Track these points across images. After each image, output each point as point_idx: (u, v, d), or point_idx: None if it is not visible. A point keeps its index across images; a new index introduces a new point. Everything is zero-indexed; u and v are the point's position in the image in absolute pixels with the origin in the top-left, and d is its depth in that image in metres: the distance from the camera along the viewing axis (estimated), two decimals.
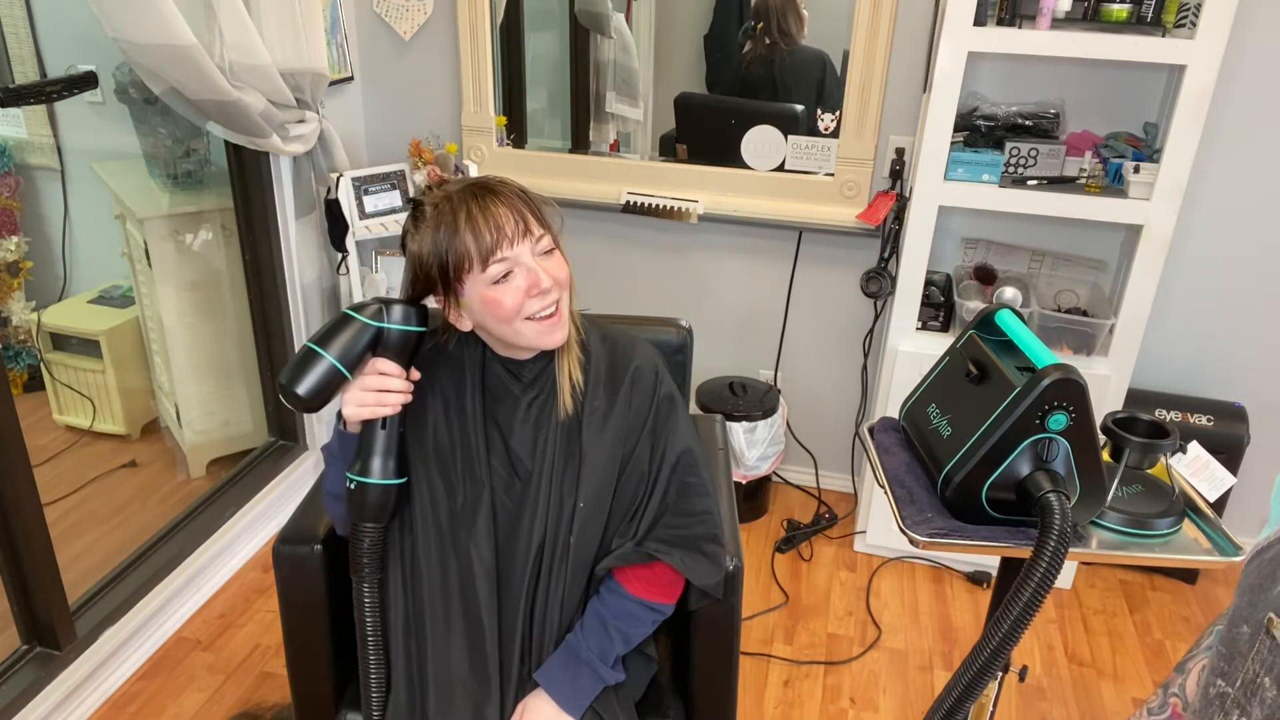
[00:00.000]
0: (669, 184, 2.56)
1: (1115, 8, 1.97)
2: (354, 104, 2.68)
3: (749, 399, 2.59)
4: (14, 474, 1.77)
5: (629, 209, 2.55)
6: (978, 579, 2.45)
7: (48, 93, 2.21)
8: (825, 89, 2.47)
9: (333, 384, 1.12)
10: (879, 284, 2.38)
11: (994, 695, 1.27)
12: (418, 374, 1.20)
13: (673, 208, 2.52)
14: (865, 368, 2.62)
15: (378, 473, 1.17)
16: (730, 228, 2.56)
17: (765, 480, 2.64)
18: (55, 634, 1.91)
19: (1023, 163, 2.13)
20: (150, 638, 2.12)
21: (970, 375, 1.15)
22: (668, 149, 2.66)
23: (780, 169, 2.49)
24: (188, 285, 2.60)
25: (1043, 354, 1.07)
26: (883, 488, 1.21)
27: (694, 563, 1.25)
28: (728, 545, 1.32)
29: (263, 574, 2.38)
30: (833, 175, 2.44)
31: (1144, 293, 2.11)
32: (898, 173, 2.38)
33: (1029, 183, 2.11)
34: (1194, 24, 1.88)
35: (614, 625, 1.26)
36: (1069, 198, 2.07)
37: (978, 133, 2.18)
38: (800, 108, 2.49)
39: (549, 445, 1.26)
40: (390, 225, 2.43)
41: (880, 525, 2.47)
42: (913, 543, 1.10)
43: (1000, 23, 2.01)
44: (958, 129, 2.13)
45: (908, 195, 2.26)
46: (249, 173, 2.36)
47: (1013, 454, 1.05)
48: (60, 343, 2.90)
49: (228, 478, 2.53)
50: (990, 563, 2.43)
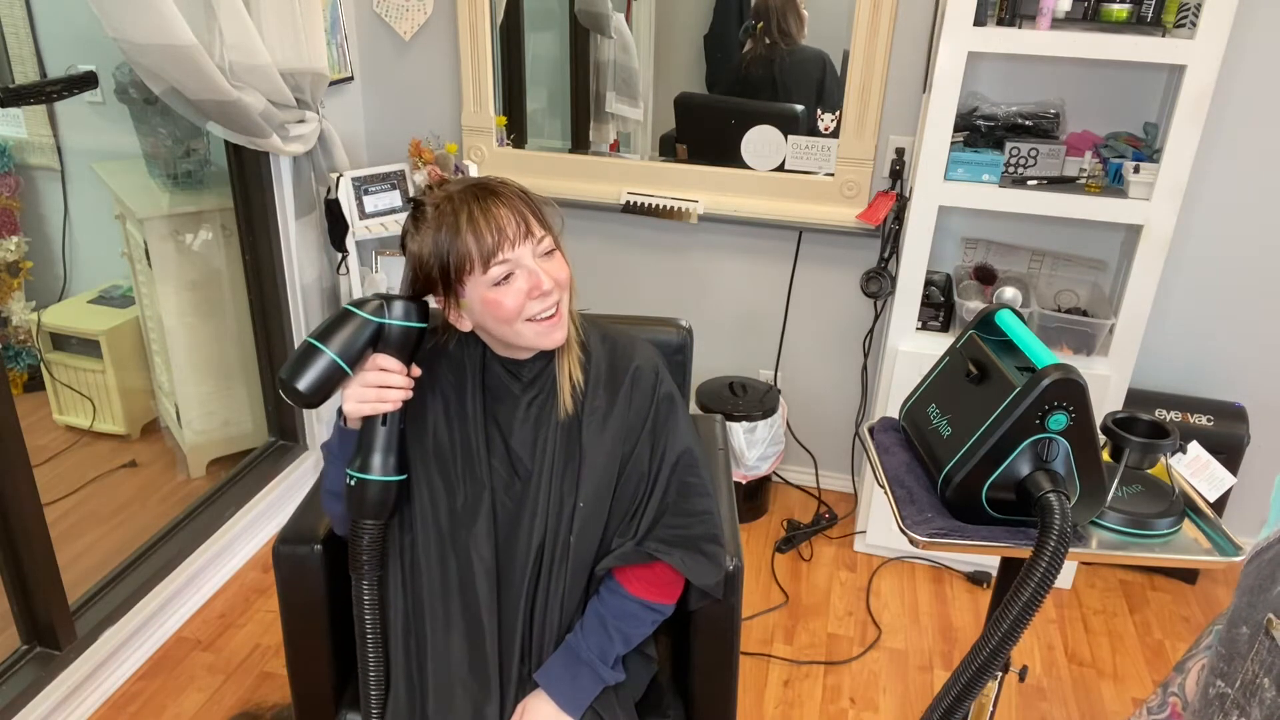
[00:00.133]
0: (669, 184, 2.56)
1: (1115, 8, 1.97)
2: (354, 104, 2.68)
3: (749, 399, 2.59)
4: (14, 474, 1.77)
5: (629, 209, 2.55)
6: (978, 579, 2.45)
7: (48, 93, 2.21)
8: (825, 89, 2.46)
9: (333, 380, 1.11)
10: (879, 284, 2.38)
11: (994, 695, 1.27)
12: (418, 370, 1.20)
13: (673, 208, 2.52)
14: (865, 368, 2.62)
15: (378, 469, 1.17)
16: (730, 228, 2.56)
17: (765, 480, 2.64)
18: (55, 634, 1.91)
19: (1023, 163, 2.13)
20: (150, 638, 2.12)
21: (970, 375, 1.15)
22: (668, 149, 2.66)
23: (780, 169, 2.49)
24: (188, 285, 2.60)
25: (1043, 354, 1.07)
26: (883, 488, 1.21)
27: (694, 563, 1.25)
28: (728, 545, 1.32)
29: (263, 574, 2.38)
30: (833, 175, 2.44)
31: (1144, 293, 2.11)
32: (898, 173, 2.38)
33: (1029, 183, 2.11)
34: (1194, 24, 1.88)
35: (614, 625, 1.26)
36: (1069, 198, 2.07)
37: (978, 133, 2.18)
38: (800, 108, 2.49)
39: (549, 445, 1.26)
40: (390, 225, 2.43)
41: (880, 525, 2.47)
42: (913, 543, 1.10)
43: (1000, 23, 2.01)
44: (958, 129, 2.13)
45: (908, 195, 2.26)
46: (249, 173, 2.36)
47: (1013, 454, 1.05)
48: (60, 343, 2.90)
49: (228, 478, 2.53)
50: (990, 563, 2.43)
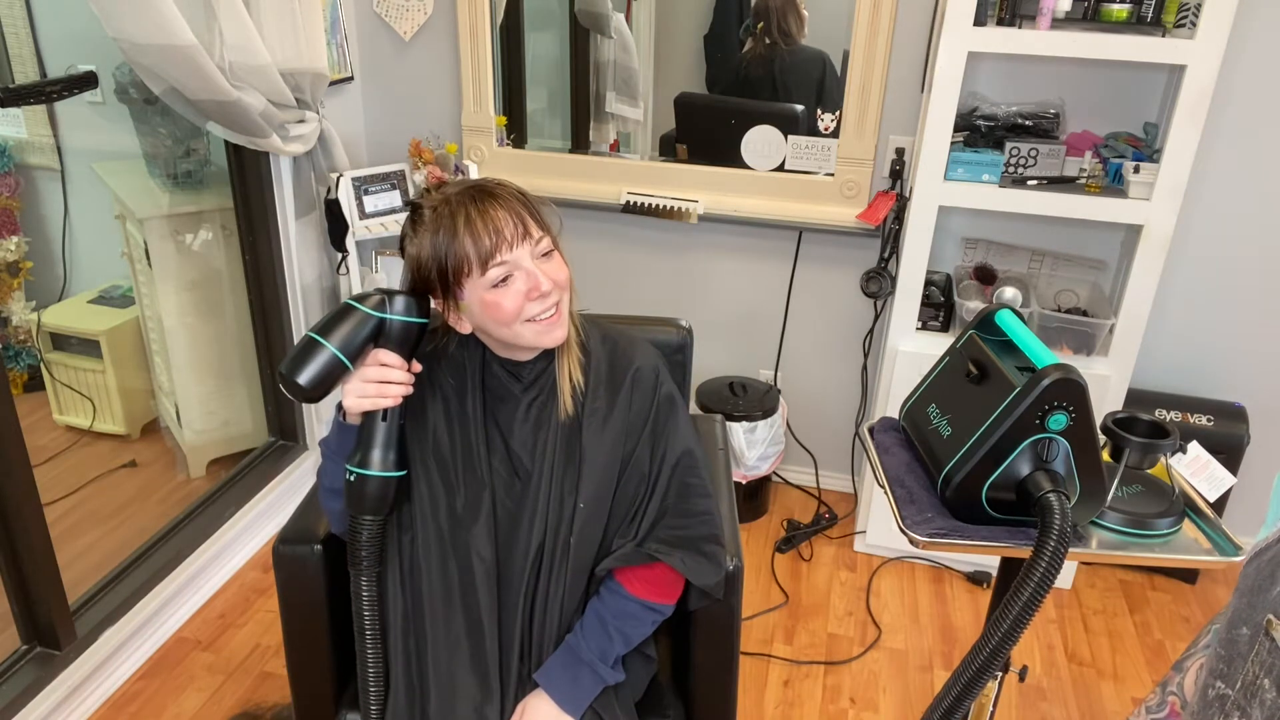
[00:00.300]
0: (669, 184, 2.56)
1: (1115, 8, 1.97)
2: (354, 104, 2.68)
3: (749, 399, 2.59)
4: (14, 474, 1.77)
5: (629, 209, 2.55)
6: (978, 579, 2.45)
7: (48, 93, 2.21)
8: (825, 89, 2.46)
9: (334, 374, 1.11)
10: (879, 284, 2.38)
11: (994, 695, 1.27)
12: (419, 366, 1.20)
13: (673, 208, 2.52)
14: (865, 368, 2.62)
15: (377, 464, 1.17)
16: (730, 228, 2.56)
17: (765, 480, 2.64)
18: (55, 634, 1.91)
19: (1023, 163, 2.13)
20: (150, 638, 2.12)
21: (970, 375, 1.15)
22: (668, 149, 2.66)
23: (780, 169, 2.49)
24: (188, 285, 2.60)
25: (1043, 354, 1.07)
26: (883, 488, 1.21)
27: (694, 563, 1.25)
28: (728, 545, 1.32)
29: (263, 574, 2.38)
30: (833, 175, 2.44)
31: (1144, 293, 2.11)
32: (898, 173, 2.38)
33: (1029, 183, 2.11)
34: (1194, 24, 1.88)
35: (614, 625, 1.26)
36: (1069, 198, 2.07)
37: (978, 133, 2.18)
38: (800, 108, 2.49)
39: (549, 446, 1.26)
40: (390, 225, 2.43)
41: (880, 525, 2.47)
42: (913, 543, 1.10)
43: (1000, 23, 2.01)
44: (958, 129, 2.13)
45: (908, 195, 2.26)
46: (249, 173, 2.36)
47: (1013, 454, 1.05)
48: (60, 343, 2.90)
49: (228, 478, 2.53)
50: (990, 563, 2.43)
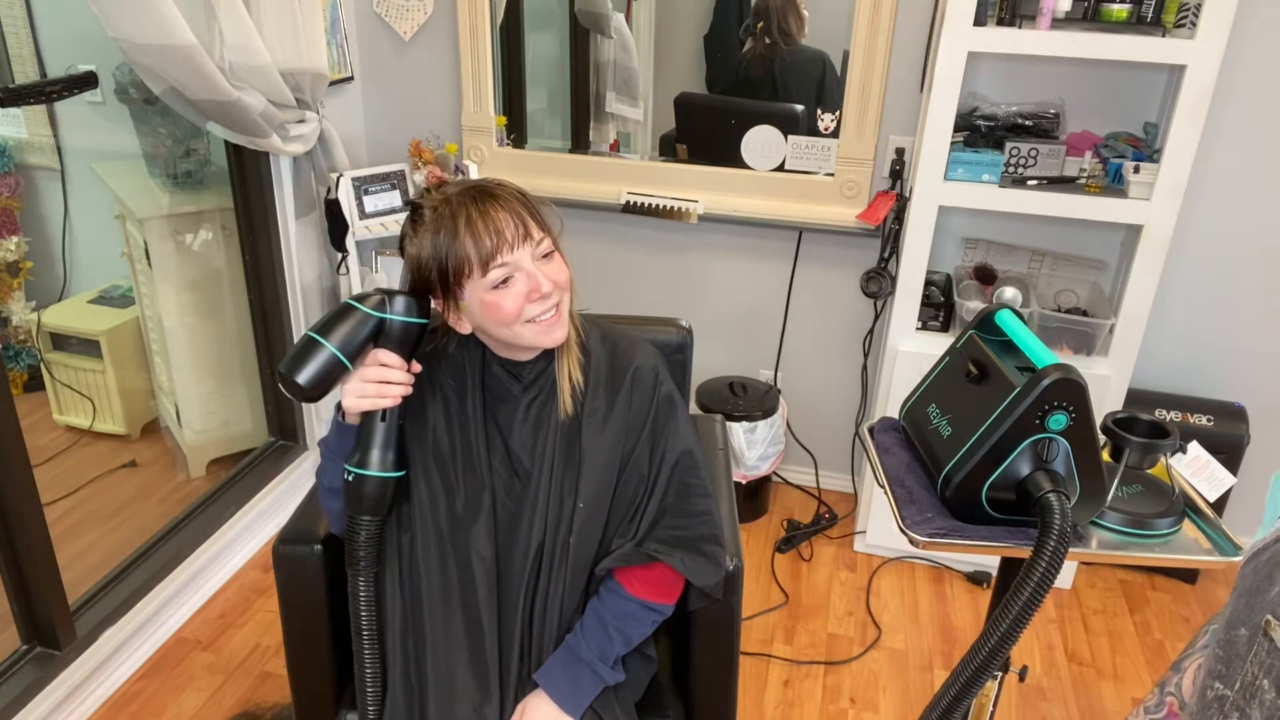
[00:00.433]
0: (669, 184, 2.55)
1: (1115, 8, 1.97)
2: (354, 104, 2.68)
3: (749, 399, 2.59)
4: (14, 474, 1.77)
5: (629, 209, 2.55)
6: (978, 579, 2.45)
7: (48, 93, 2.21)
8: (825, 89, 2.46)
9: (333, 374, 1.11)
10: (879, 284, 2.38)
11: (994, 695, 1.27)
12: (419, 366, 1.20)
13: (673, 208, 2.52)
14: (865, 368, 2.62)
15: (376, 465, 1.17)
16: (730, 228, 2.56)
17: (765, 480, 2.64)
18: (55, 634, 1.91)
19: (1023, 163, 2.13)
20: (150, 638, 2.12)
21: (970, 375, 1.15)
22: (668, 149, 2.66)
23: (780, 169, 2.49)
24: (188, 285, 2.60)
25: (1043, 354, 1.07)
26: (883, 488, 1.21)
27: (694, 563, 1.25)
28: (728, 545, 1.32)
29: (263, 574, 2.38)
30: (833, 175, 2.44)
31: (1144, 293, 2.11)
32: (898, 173, 2.38)
33: (1029, 183, 2.11)
34: (1194, 24, 1.88)
35: (614, 626, 1.26)
36: (1069, 198, 2.07)
37: (978, 133, 2.18)
38: (800, 108, 2.49)
39: (549, 446, 1.26)
40: (390, 225, 2.43)
41: (880, 525, 2.47)
42: (913, 543, 1.10)
43: (1000, 23, 2.01)
44: (958, 129, 2.13)
45: (908, 195, 2.26)
46: (249, 173, 2.36)
47: (1013, 454, 1.05)
48: (60, 343, 2.90)
49: (228, 478, 2.53)
50: (990, 563, 2.43)
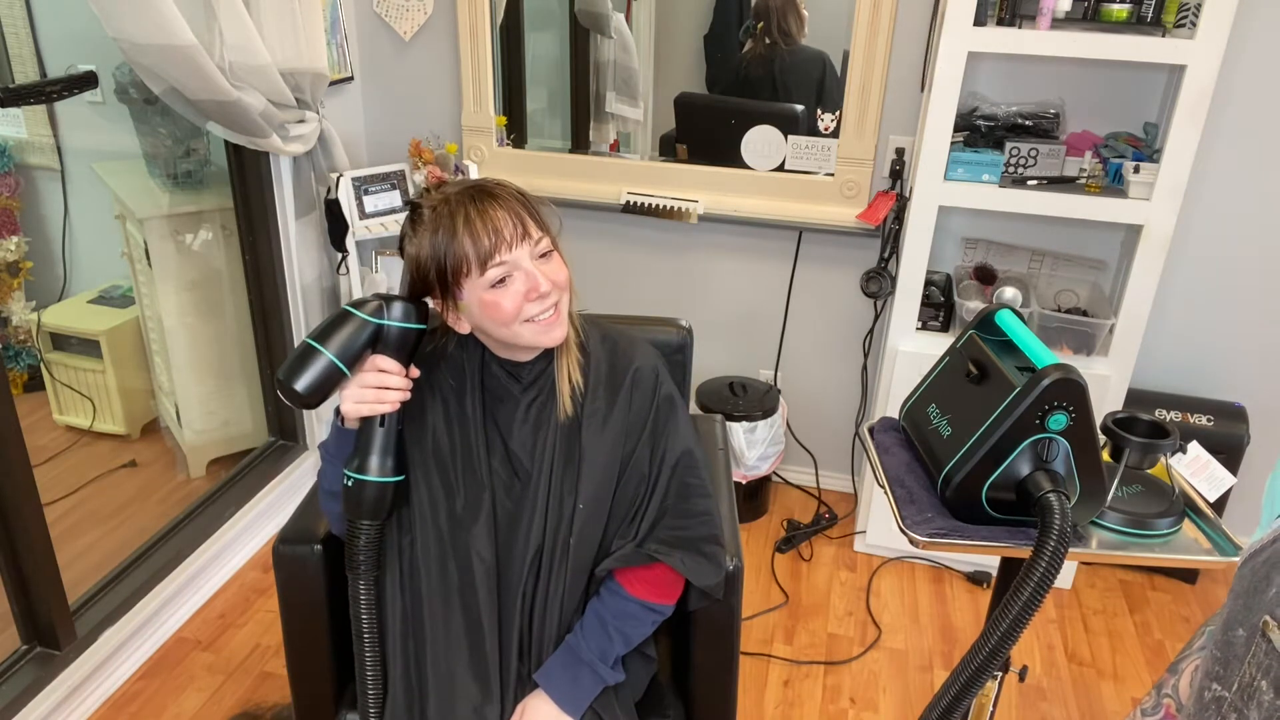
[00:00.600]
0: (669, 184, 2.55)
1: (1115, 8, 1.97)
2: (354, 104, 2.68)
3: (749, 399, 2.59)
4: (14, 474, 1.77)
5: (629, 209, 2.55)
6: (978, 579, 2.45)
7: (48, 93, 2.21)
8: (825, 89, 2.46)
9: (331, 380, 1.11)
10: (879, 284, 2.38)
11: (994, 695, 1.27)
12: (417, 371, 1.20)
13: (673, 208, 2.52)
14: (865, 368, 2.62)
15: (375, 470, 1.17)
16: (730, 228, 2.56)
17: (765, 480, 2.64)
18: (55, 634, 1.91)
19: (1023, 163, 2.13)
20: (150, 638, 2.12)
21: (970, 375, 1.15)
22: (668, 149, 2.66)
23: (780, 169, 2.49)
24: (188, 285, 2.60)
25: (1043, 354, 1.07)
26: (883, 488, 1.21)
27: (694, 563, 1.25)
28: (728, 545, 1.32)
29: (263, 574, 2.38)
30: (833, 175, 2.44)
31: (1144, 293, 2.11)
32: (898, 173, 2.38)
33: (1029, 183, 2.11)
34: (1194, 24, 1.88)
35: (614, 626, 1.26)
36: (1069, 198, 2.06)
37: (978, 133, 2.18)
38: (800, 108, 2.49)
39: (548, 446, 1.26)
40: (390, 225, 2.43)
41: (880, 525, 2.47)
42: (913, 543, 1.10)
43: (1000, 23, 2.01)
44: (958, 129, 2.13)
45: (908, 195, 2.26)
46: (249, 173, 2.36)
47: (1013, 454, 1.05)
48: (60, 343, 2.90)
49: (228, 478, 2.53)
50: (990, 563, 2.43)
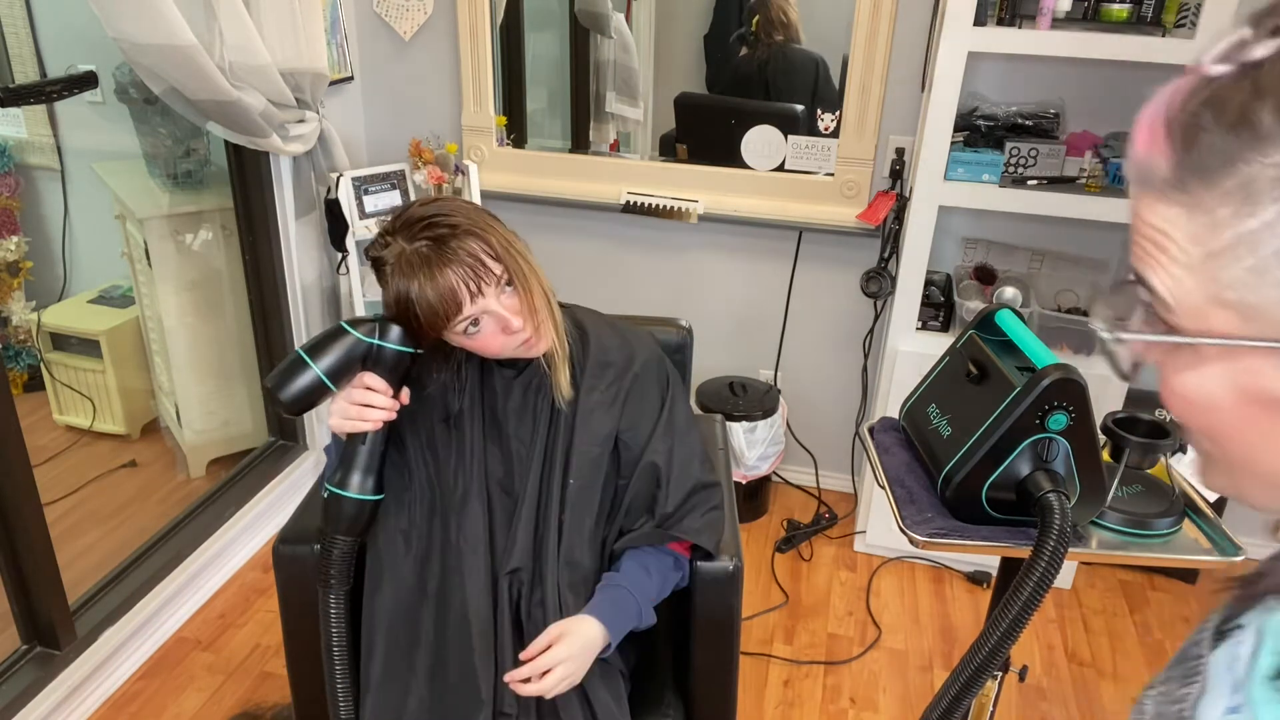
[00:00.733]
0: (669, 184, 2.55)
1: (1115, 8, 1.97)
2: (354, 104, 2.68)
3: (749, 399, 2.59)
4: (14, 474, 1.77)
5: (629, 209, 2.55)
6: (978, 579, 2.45)
7: (48, 93, 2.21)
8: (819, 92, 2.47)
9: (315, 394, 1.12)
10: (879, 284, 2.37)
11: (994, 695, 1.27)
12: (406, 397, 1.20)
13: (673, 208, 2.52)
14: (865, 368, 2.62)
15: (355, 487, 1.18)
16: (730, 228, 2.56)
17: (765, 480, 2.64)
18: (55, 634, 1.91)
19: (1023, 163, 2.13)
20: (150, 638, 2.12)
21: (970, 375, 1.15)
22: (668, 149, 2.66)
23: (780, 169, 2.49)
24: (188, 285, 2.60)
25: (1043, 354, 1.07)
26: (883, 488, 1.21)
27: (703, 525, 1.29)
28: (728, 545, 1.33)
29: (263, 574, 2.38)
30: (833, 175, 2.44)
31: None
32: (898, 173, 2.38)
33: (1029, 183, 2.11)
34: (1194, 24, 1.88)
35: (654, 567, 1.28)
36: (1069, 198, 2.06)
37: (978, 133, 2.18)
38: (800, 108, 2.49)
39: (544, 437, 1.27)
40: None
41: (880, 525, 2.47)
42: (913, 543, 1.11)
43: (1000, 23, 2.01)
44: (958, 129, 2.13)
45: (908, 195, 2.26)
46: (249, 173, 2.36)
47: (1013, 454, 1.05)
48: (60, 343, 2.90)
49: (228, 478, 2.53)
50: (990, 563, 2.42)
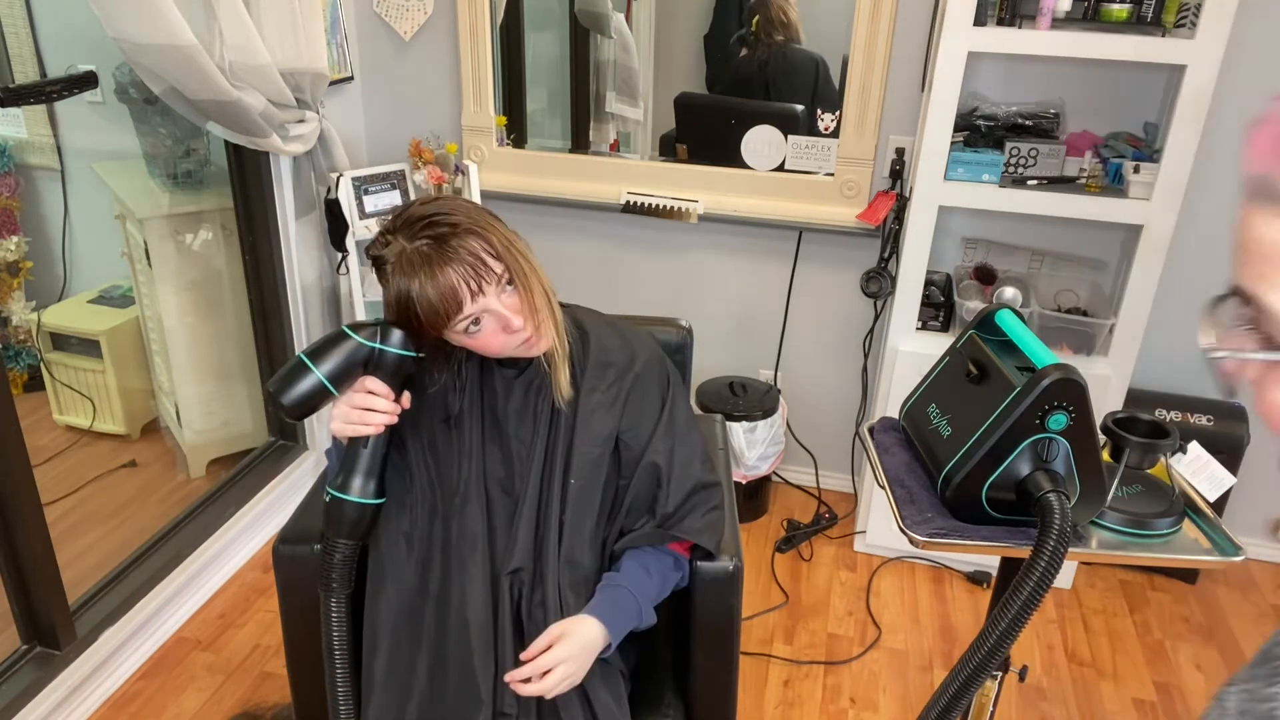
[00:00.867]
0: (669, 184, 2.55)
1: (1115, 8, 1.97)
2: (354, 104, 2.68)
3: (749, 399, 2.59)
4: (14, 474, 1.77)
5: (629, 209, 2.55)
6: (978, 579, 2.45)
7: (48, 93, 2.21)
8: (819, 92, 2.47)
9: (317, 398, 1.12)
10: (879, 284, 2.37)
11: (994, 695, 1.27)
12: (407, 401, 1.20)
13: (673, 208, 2.52)
14: (865, 368, 2.62)
15: (357, 491, 1.18)
16: (730, 228, 2.56)
17: (765, 480, 2.64)
18: (55, 634, 1.91)
19: (1023, 163, 2.13)
20: (150, 638, 2.12)
21: (970, 375, 1.15)
22: (668, 149, 2.66)
23: (780, 169, 2.49)
24: (188, 285, 2.60)
25: (1043, 354, 1.07)
26: (883, 488, 1.21)
27: (705, 528, 1.30)
28: (728, 546, 1.33)
29: (263, 574, 2.38)
30: (833, 175, 2.44)
31: (1144, 293, 2.11)
32: (898, 173, 2.38)
33: (1029, 183, 2.11)
34: (1194, 24, 1.88)
35: (653, 567, 1.28)
36: (1069, 198, 2.06)
37: (978, 133, 2.18)
38: (800, 108, 2.49)
39: (545, 437, 1.27)
40: None
41: (880, 525, 2.47)
42: (913, 543, 1.11)
43: (1000, 23, 2.01)
44: (958, 129, 2.13)
45: (908, 195, 2.26)
46: (249, 173, 2.36)
47: (1013, 454, 1.05)
48: (60, 343, 2.90)
49: (228, 478, 2.53)
50: (990, 563, 2.43)
